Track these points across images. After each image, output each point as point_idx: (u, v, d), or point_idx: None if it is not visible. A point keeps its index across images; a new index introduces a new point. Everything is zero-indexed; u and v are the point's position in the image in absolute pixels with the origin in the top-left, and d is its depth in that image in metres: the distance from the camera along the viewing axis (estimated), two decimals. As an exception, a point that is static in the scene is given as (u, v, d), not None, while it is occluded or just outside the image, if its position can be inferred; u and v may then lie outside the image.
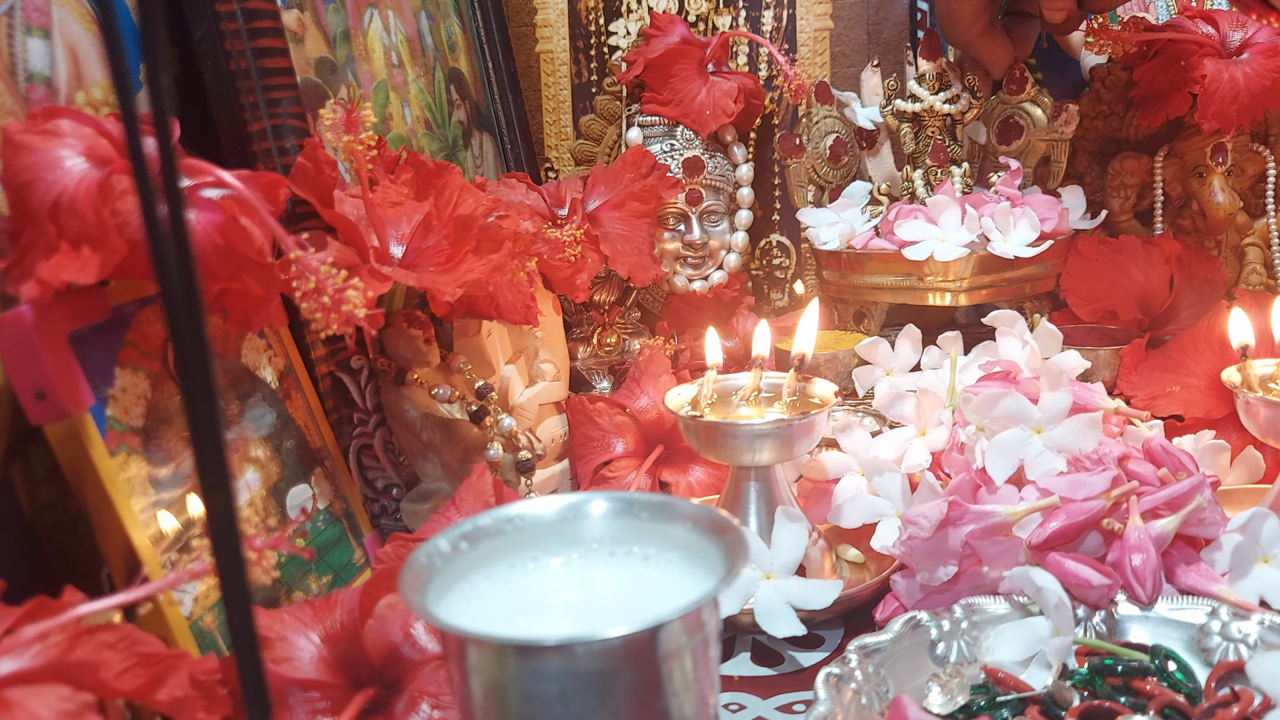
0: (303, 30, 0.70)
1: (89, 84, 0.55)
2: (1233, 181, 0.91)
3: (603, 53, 1.11)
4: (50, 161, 0.46)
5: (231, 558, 0.28)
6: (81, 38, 0.55)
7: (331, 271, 0.50)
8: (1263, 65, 0.86)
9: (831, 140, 0.95)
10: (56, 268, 0.45)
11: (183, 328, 0.27)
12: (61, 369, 0.45)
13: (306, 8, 0.71)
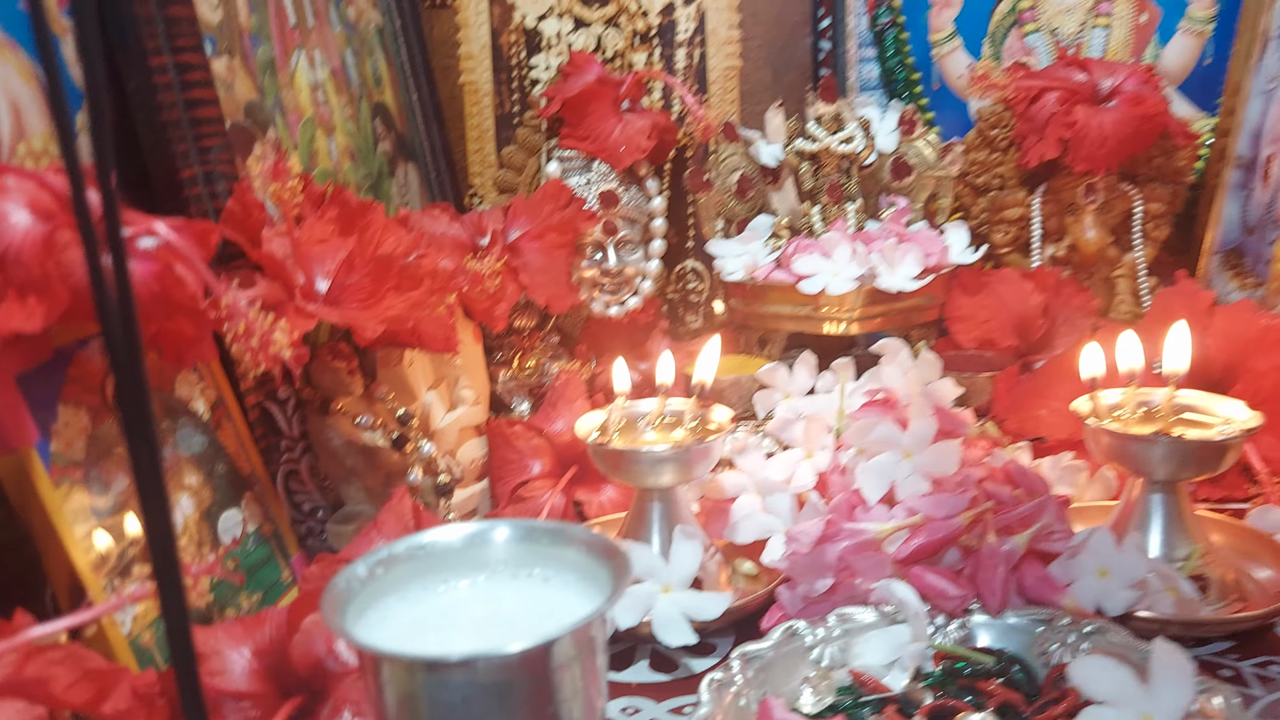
0: (232, 76, 0.74)
1: (30, 134, 0.59)
2: (1103, 218, 0.99)
3: (524, 85, 1.16)
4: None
5: (171, 582, 0.32)
6: (22, 91, 0.58)
7: (260, 316, 0.55)
8: (1128, 113, 0.94)
9: (738, 176, 1.01)
10: (5, 316, 0.48)
11: (124, 370, 0.31)
12: (9, 409, 0.49)
13: (236, 53, 0.75)
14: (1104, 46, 1.07)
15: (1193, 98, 1.06)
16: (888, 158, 1.00)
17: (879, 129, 1.00)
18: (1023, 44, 1.08)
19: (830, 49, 1.13)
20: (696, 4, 1.13)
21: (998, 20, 1.08)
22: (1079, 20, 1.07)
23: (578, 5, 1.14)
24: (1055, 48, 1.08)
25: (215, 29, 0.73)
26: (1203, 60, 1.06)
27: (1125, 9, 1.06)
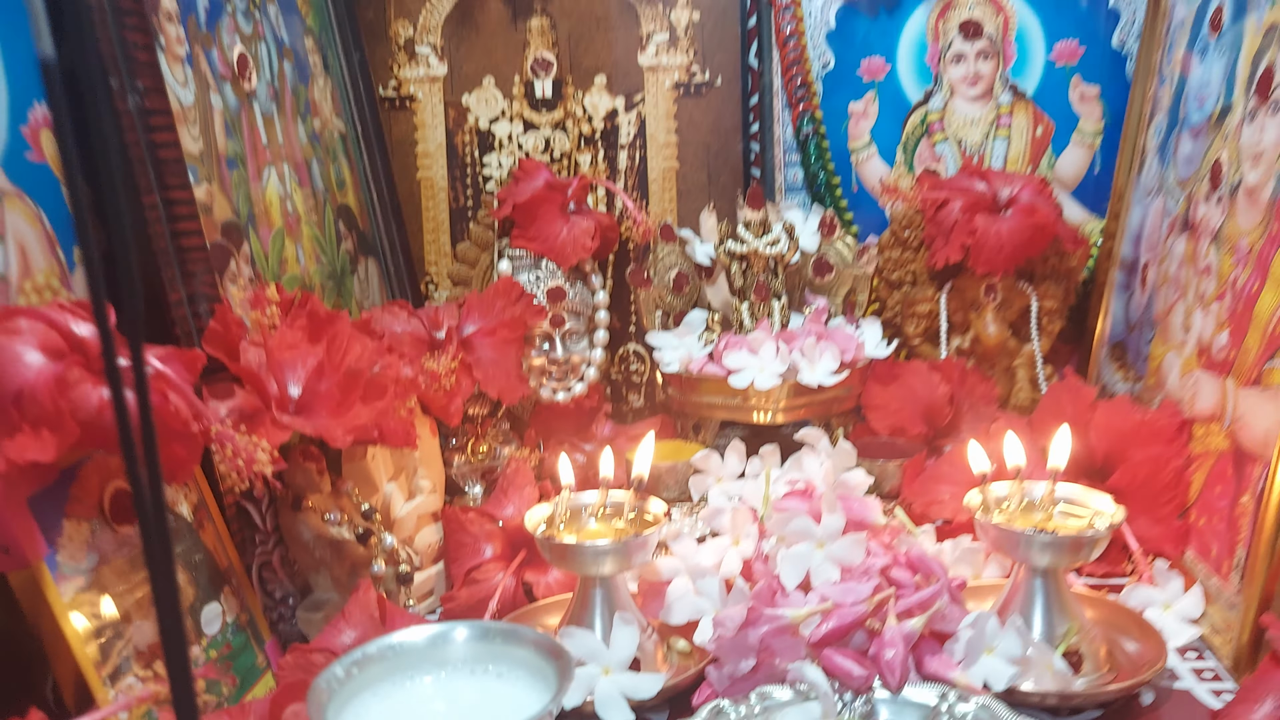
0: (211, 200, 0.81)
1: (34, 271, 0.65)
2: (1002, 314, 1.10)
3: (477, 181, 1.25)
4: (12, 357, 0.57)
5: (182, 686, 0.39)
6: (28, 233, 0.65)
7: (246, 439, 0.62)
8: (1023, 222, 1.05)
9: (674, 274, 1.10)
10: (21, 448, 0.55)
11: (143, 493, 0.38)
12: (23, 529, 0.56)
13: (214, 178, 0.83)
14: (1005, 156, 1.18)
15: (1084, 202, 1.18)
16: (810, 257, 1.10)
17: (802, 230, 1.10)
18: (932, 152, 1.19)
19: (760, 153, 1.23)
20: (637, 110, 1.22)
21: (909, 131, 1.19)
22: (983, 132, 1.18)
23: (527, 109, 1.23)
24: (961, 156, 1.19)
25: (197, 158, 0.80)
26: (1093, 169, 1.17)
27: (1023, 122, 1.18)
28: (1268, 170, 0.80)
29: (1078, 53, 1.16)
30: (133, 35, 0.70)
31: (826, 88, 1.20)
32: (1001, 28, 1.17)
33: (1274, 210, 0.78)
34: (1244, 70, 0.86)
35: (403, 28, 1.23)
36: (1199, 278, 0.90)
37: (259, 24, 0.94)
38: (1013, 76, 1.17)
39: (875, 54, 1.19)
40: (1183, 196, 0.95)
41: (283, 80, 0.98)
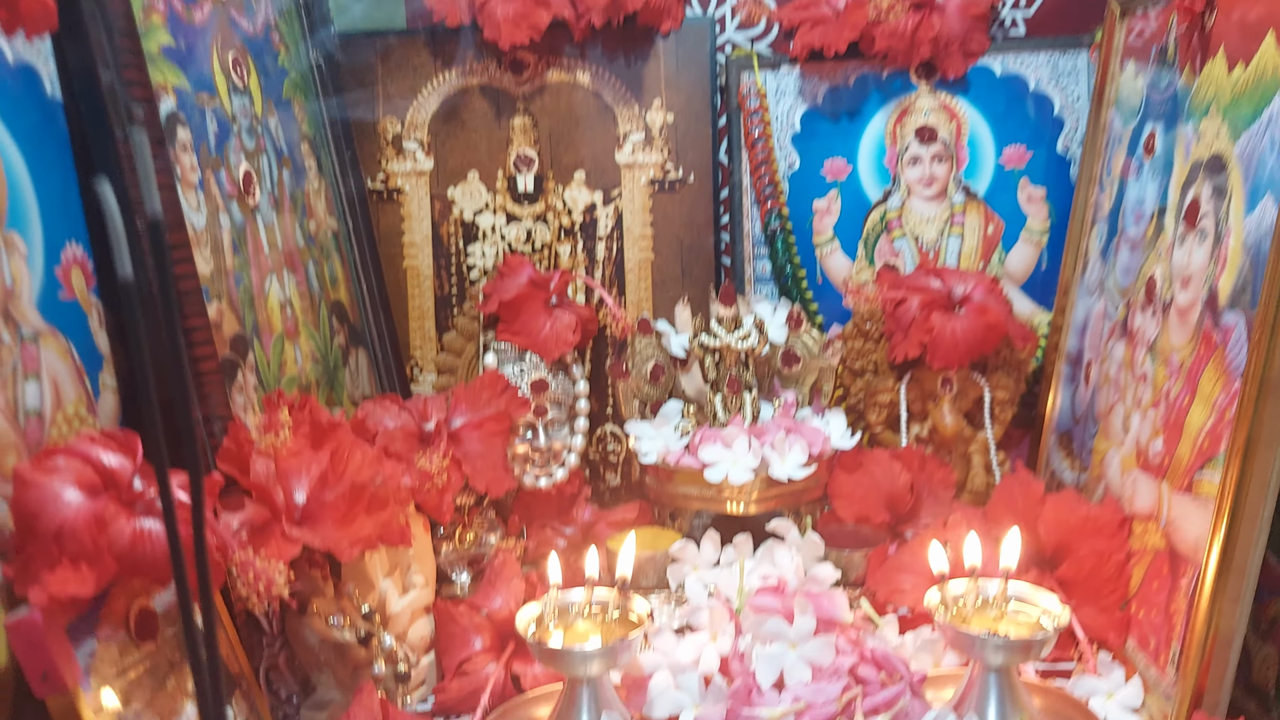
0: (221, 317, 0.87)
1: (65, 402, 0.70)
2: (958, 404, 1.17)
3: (462, 269, 1.30)
4: (52, 495, 0.62)
5: None
6: (60, 368, 0.70)
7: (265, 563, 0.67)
8: (976, 321, 1.13)
9: (651, 365, 1.16)
10: (62, 582, 0.60)
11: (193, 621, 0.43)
12: (62, 655, 0.60)
13: (224, 296, 0.88)
14: (959, 252, 1.26)
15: (1033, 296, 1.26)
16: (779, 348, 1.16)
17: (771, 323, 1.17)
18: (891, 247, 1.27)
19: (730, 246, 1.30)
20: (615, 205, 1.29)
21: (870, 227, 1.27)
22: (938, 229, 1.26)
23: (510, 202, 1.30)
24: (918, 252, 1.26)
25: (209, 279, 0.85)
26: (1040, 265, 1.26)
27: (976, 221, 1.26)
28: (1195, 294, 0.88)
29: (1025, 157, 1.25)
30: (159, 177, 0.75)
31: (792, 186, 1.28)
32: (955, 133, 1.25)
33: (1201, 333, 0.86)
34: (1174, 195, 0.94)
35: (391, 124, 1.29)
36: (1136, 383, 0.97)
37: (261, 138, 1.00)
38: (965, 178, 1.26)
39: (837, 155, 1.27)
40: (1122, 304, 1.03)
41: (282, 188, 1.03)
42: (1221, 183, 0.85)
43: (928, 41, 1.21)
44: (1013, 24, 1.28)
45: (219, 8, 0.94)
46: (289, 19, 1.11)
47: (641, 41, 1.27)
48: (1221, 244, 0.84)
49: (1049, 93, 1.24)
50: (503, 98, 1.28)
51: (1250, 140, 0.82)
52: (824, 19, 1.23)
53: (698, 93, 1.27)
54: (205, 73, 0.90)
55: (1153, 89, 1.02)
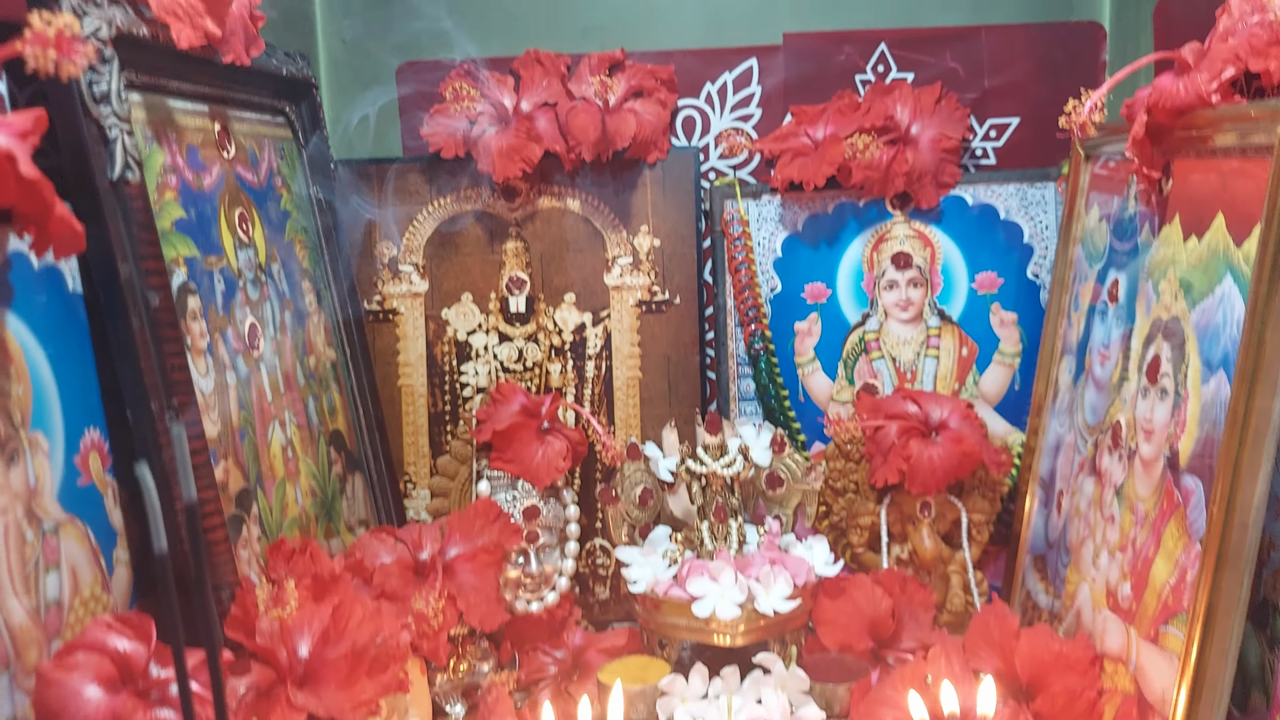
0: (227, 476, 0.90)
1: (82, 585, 0.73)
2: (937, 526, 1.21)
3: (455, 387, 1.34)
4: (74, 693, 0.65)
5: None
6: (78, 553, 0.73)
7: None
8: (952, 449, 1.17)
9: (640, 490, 1.20)
10: (83, 781, 0.63)
11: None
12: None
13: (229, 454, 0.91)
14: (935, 373, 1.31)
15: (1007, 416, 1.31)
16: (763, 471, 1.20)
17: (755, 446, 1.21)
18: (870, 368, 1.32)
19: (715, 364, 1.34)
20: (604, 325, 1.33)
21: (849, 348, 1.32)
22: (914, 351, 1.31)
23: (502, 323, 1.34)
24: (896, 373, 1.31)
25: (215, 441, 0.89)
26: (1014, 386, 1.31)
27: (950, 343, 1.31)
28: (1158, 449, 0.92)
29: (997, 283, 1.30)
30: (171, 359, 0.79)
31: (774, 308, 1.32)
32: (929, 259, 1.30)
33: (1164, 489, 0.90)
34: (1137, 347, 0.99)
35: (387, 248, 1.33)
36: (1105, 523, 1.02)
37: (264, 286, 1.04)
38: (940, 303, 1.31)
39: (818, 280, 1.32)
40: (1090, 441, 1.08)
41: (284, 331, 1.07)
42: (1180, 346, 0.90)
43: (902, 175, 1.26)
44: (983, 154, 1.34)
45: (226, 168, 0.99)
46: (290, 160, 1.16)
47: (629, 170, 1.32)
48: (1181, 406, 0.89)
49: (1019, 221, 1.29)
50: (496, 222, 1.33)
51: (1205, 313, 0.87)
52: (803, 150, 1.29)
53: (683, 218, 1.32)
54: (214, 237, 0.94)
55: (1116, 237, 1.08)
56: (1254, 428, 0.77)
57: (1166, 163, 0.96)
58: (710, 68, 1.33)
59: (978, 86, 1.31)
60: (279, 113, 1.14)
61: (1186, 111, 0.90)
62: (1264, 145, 0.79)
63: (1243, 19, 0.89)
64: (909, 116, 1.28)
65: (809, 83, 1.32)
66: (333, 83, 1.35)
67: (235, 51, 0.92)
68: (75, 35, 0.57)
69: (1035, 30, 1.30)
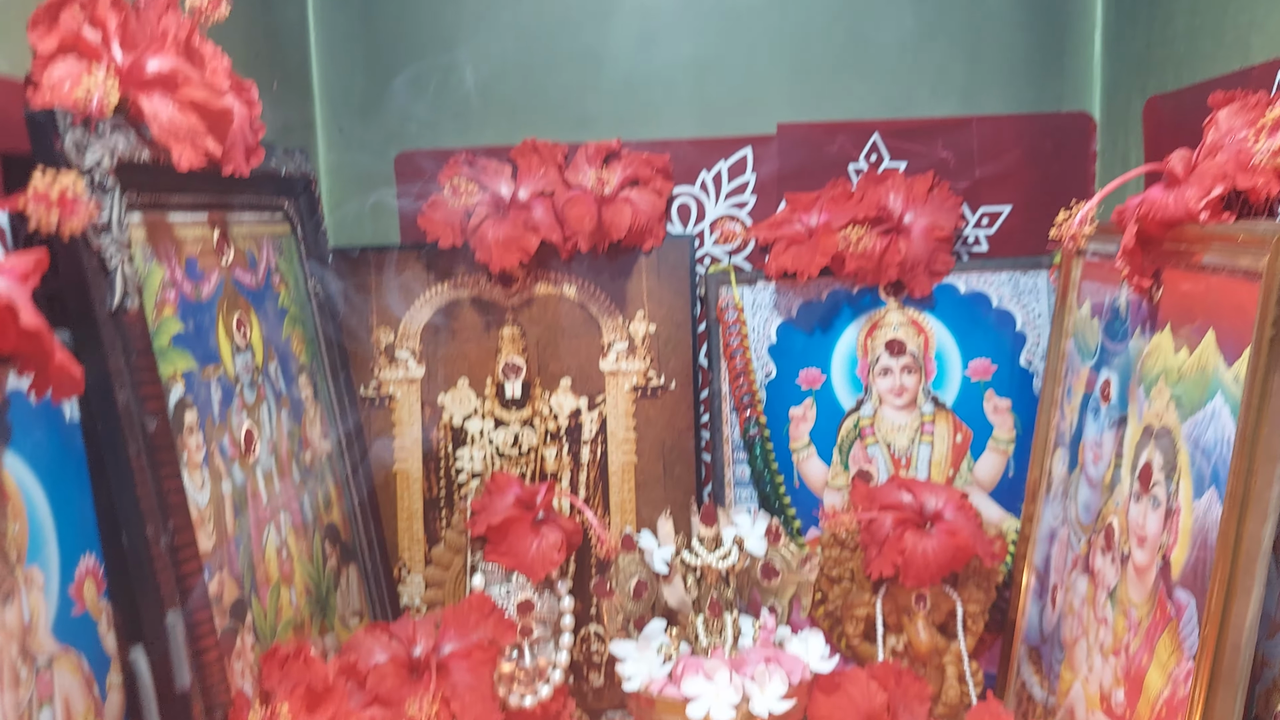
0: (221, 588, 0.90)
1: (74, 716, 0.73)
2: (932, 617, 1.21)
3: (450, 473, 1.34)
4: (66, 838, 0.64)
5: None
6: (71, 684, 0.73)
7: None
8: (947, 541, 1.17)
9: (635, 582, 1.20)
10: None
11: None
12: None
13: (224, 566, 0.91)
14: (929, 459, 1.31)
15: (1002, 503, 1.31)
16: (759, 561, 1.20)
17: (750, 534, 1.21)
18: (865, 454, 1.32)
19: (710, 449, 1.35)
20: (599, 410, 1.34)
21: (844, 434, 1.32)
22: (909, 437, 1.32)
23: (498, 408, 1.34)
24: (890, 459, 1.32)
25: (210, 554, 0.89)
26: (1008, 472, 1.31)
27: (945, 430, 1.31)
28: (1150, 556, 0.93)
29: (990, 370, 1.31)
30: (168, 482, 0.79)
31: (769, 394, 1.33)
32: (923, 346, 1.31)
33: (1157, 599, 0.91)
34: (1129, 452, 1.00)
35: (384, 334, 1.33)
36: (1098, 624, 1.02)
37: (261, 387, 1.04)
38: (934, 389, 1.31)
39: (812, 365, 1.33)
40: (1084, 539, 1.08)
41: (280, 431, 1.07)
42: (1171, 456, 0.91)
43: (895, 264, 1.27)
44: (976, 241, 1.35)
45: (224, 274, 0.99)
46: (288, 255, 1.17)
47: (625, 257, 1.33)
48: (1174, 518, 0.89)
49: (1011, 309, 1.31)
50: (492, 309, 1.34)
51: (1196, 427, 0.87)
52: (797, 238, 1.30)
53: (679, 304, 1.33)
54: (211, 346, 0.94)
55: (1107, 336, 1.08)
56: (1245, 551, 0.78)
57: (1157, 270, 0.97)
58: (705, 156, 1.35)
59: (969, 175, 1.33)
60: (277, 209, 1.16)
61: (1175, 225, 0.91)
62: (1252, 269, 0.80)
63: (1230, 134, 0.90)
64: (902, 205, 1.30)
65: (803, 170, 1.34)
66: (331, 171, 1.36)
67: (236, 163, 0.93)
68: (77, 195, 0.58)
69: (1025, 121, 1.32)
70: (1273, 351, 0.76)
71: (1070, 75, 1.30)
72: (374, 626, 1.11)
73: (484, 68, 1.33)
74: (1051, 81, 1.31)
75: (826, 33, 1.31)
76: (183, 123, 0.82)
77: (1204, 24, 1.01)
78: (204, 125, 0.84)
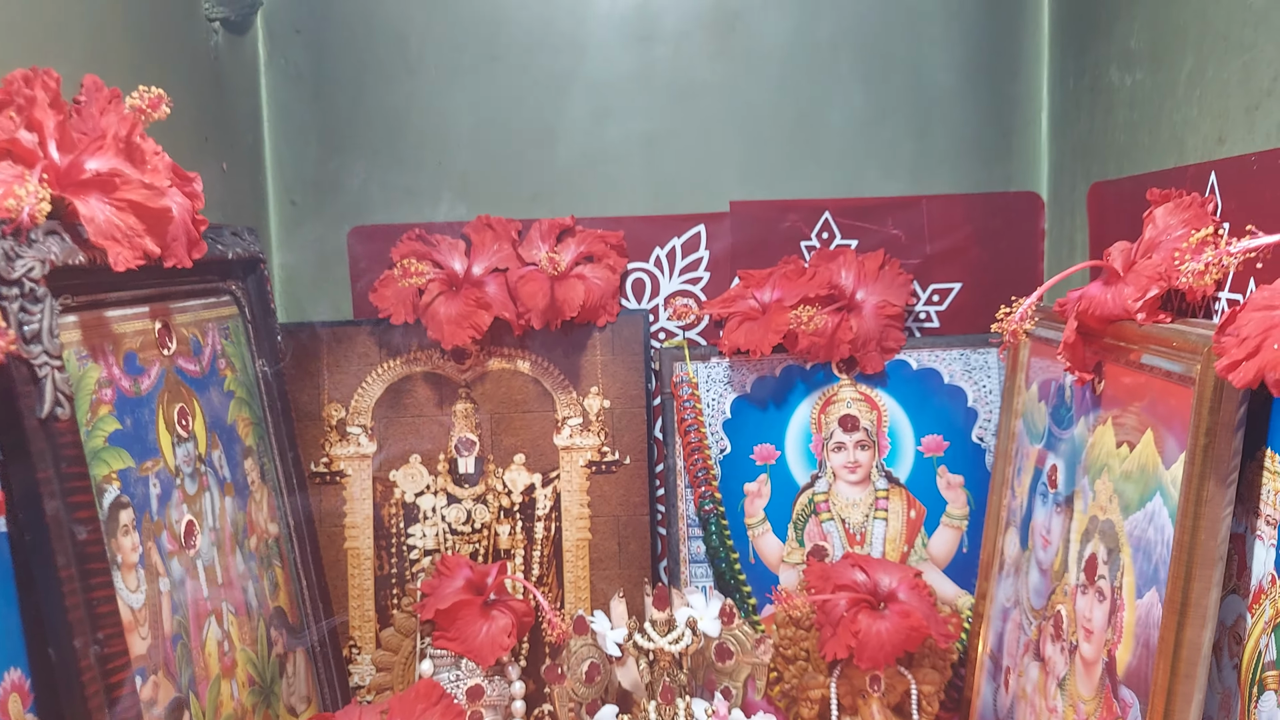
0: (156, 691, 0.88)
1: (-6, 842, 0.71)
2: (887, 698, 1.21)
3: (402, 549, 1.33)
4: None
5: None
6: (-9, 807, 0.71)
7: None
8: (900, 623, 1.17)
9: (587, 666, 1.18)
10: None
11: None
12: None
13: (160, 667, 0.89)
14: (884, 535, 1.31)
15: (956, 579, 1.31)
16: (713, 642, 1.20)
17: (704, 615, 1.20)
18: (820, 529, 1.32)
19: (665, 523, 1.34)
20: (553, 486, 1.33)
21: (799, 510, 1.32)
22: (863, 513, 1.32)
23: (451, 484, 1.33)
24: (845, 534, 1.31)
25: (145, 657, 0.87)
26: (962, 548, 1.31)
27: (899, 506, 1.31)
28: (1097, 651, 0.93)
29: (943, 446, 1.31)
30: (98, 592, 0.77)
31: (724, 470, 1.33)
32: (876, 422, 1.32)
33: (1104, 697, 0.91)
34: (1075, 542, 1.00)
35: (335, 410, 1.32)
36: (1049, 714, 1.02)
37: (204, 476, 1.03)
38: (887, 464, 1.32)
39: (767, 441, 1.32)
40: (1034, 625, 1.08)
41: (223, 519, 1.06)
42: (1115, 550, 0.91)
43: (846, 342, 1.28)
44: (927, 317, 1.36)
45: (165, 364, 0.98)
46: (235, 337, 1.16)
47: (579, 332, 1.33)
48: (1118, 614, 0.90)
49: (962, 385, 1.31)
50: (445, 384, 1.33)
51: (1138, 525, 0.88)
52: (750, 314, 1.30)
53: (633, 379, 1.33)
54: (150, 441, 0.93)
55: (1054, 422, 1.09)
56: (1185, 658, 0.78)
57: (1099, 362, 0.98)
58: (659, 233, 1.35)
59: (920, 252, 1.34)
60: (224, 293, 1.15)
61: (1114, 321, 0.92)
62: (1185, 375, 0.81)
63: (1166, 231, 0.92)
64: (854, 282, 1.30)
65: (755, 248, 1.35)
66: (283, 246, 1.36)
67: (178, 257, 0.92)
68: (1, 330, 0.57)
69: (975, 200, 1.33)
70: (1206, 459, 0.77)
71: (1018, 156, 1.32)
72: (318, 718, 1.09)
73: (438, 143, 1.34)
74: (1000, 162, 1.33)
75: (778, 112, 1.32)
76: (120, 224, 0.81)
77: (1142, 119, 1.02)
78: (142, 225, 0.83)
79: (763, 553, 1.33)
